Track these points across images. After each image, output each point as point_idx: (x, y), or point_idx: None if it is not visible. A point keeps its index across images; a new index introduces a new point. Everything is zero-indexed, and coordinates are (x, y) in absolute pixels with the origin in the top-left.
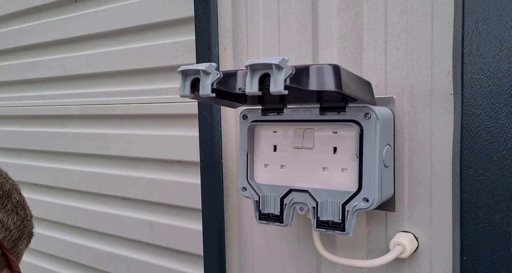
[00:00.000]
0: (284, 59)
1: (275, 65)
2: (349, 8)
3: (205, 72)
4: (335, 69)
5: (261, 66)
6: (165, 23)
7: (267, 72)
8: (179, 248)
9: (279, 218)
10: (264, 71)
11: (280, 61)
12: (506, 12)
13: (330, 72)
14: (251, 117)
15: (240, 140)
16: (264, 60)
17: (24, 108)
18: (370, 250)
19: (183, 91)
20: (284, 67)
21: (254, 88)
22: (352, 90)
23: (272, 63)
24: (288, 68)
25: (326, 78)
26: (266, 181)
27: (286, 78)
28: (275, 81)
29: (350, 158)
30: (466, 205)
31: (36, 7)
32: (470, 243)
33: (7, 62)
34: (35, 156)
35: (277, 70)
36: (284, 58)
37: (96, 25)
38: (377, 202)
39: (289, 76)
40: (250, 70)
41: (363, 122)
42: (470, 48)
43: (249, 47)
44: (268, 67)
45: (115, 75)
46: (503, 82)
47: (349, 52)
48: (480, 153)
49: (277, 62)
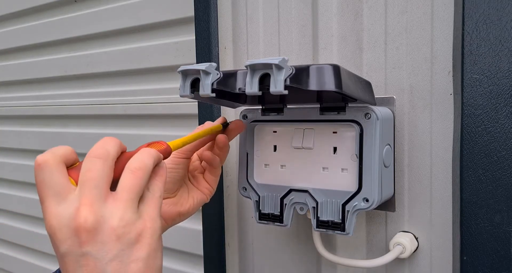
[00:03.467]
0: (284, 59)
1: (275, 65)
2: (349, 8)
3: (205, 72)
4: (335, 69)
5: (261, 66)
6: (165, 23)
7: (267, 72)
8: (179, 248)
9: (279, 218)
10: (264, 71)
11: (280, 61)
12: (506, 12)
13: (330, 72)
14: (251, 117)
15: (240, 140)
16: (264, 60)
17: (24, 108)
18: (370, 250)
19: (183, 91)
20: (284, 67)
21: (254, 88)
22: (352, 90)
23: (272, 63)
24: (288, 68)
25: (326, 78)
26: (266, 181)
27: (286, 78)
28: (275, 81)
29: (350, 158)
30: (466, 205)
31: (36, 7)
32: (470, 243)
33: (7, 62)
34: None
35: (277, 70)
36: (284, 58)
37: (96, 25)
38: (377, 202)
39: (289, 76)
40: (250, 70)
41: (363, 122)
42: (470, 48)
43: (249, 47)
44: (268, 67)
45: (115, 75)
46: (503, 82)
47: (349, 52)
48: (480, 153)
49: (277, 62)
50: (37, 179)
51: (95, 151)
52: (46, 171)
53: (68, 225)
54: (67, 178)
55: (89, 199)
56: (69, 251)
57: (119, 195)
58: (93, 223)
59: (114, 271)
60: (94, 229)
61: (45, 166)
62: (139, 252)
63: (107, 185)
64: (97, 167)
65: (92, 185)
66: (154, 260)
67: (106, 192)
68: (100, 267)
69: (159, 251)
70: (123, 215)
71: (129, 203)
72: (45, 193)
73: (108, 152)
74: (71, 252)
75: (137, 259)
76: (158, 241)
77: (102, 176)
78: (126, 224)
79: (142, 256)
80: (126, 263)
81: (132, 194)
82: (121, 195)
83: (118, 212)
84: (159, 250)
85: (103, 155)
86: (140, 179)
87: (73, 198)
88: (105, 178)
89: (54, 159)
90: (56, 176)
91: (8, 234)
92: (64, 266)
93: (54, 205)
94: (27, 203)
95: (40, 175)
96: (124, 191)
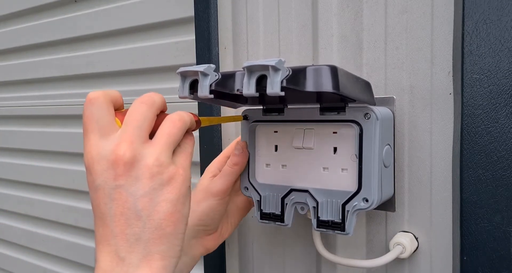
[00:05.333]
0: (281, 61)
1: (271, 66)
2: (349, 8)
3: (203, 73)
4: (333, 70)
5: (258, 67)
6: (165, 23)
7: (264, 73)
8: None
9: (280, 217)
10: (261, 72)
11: (277, 62)
12: (506, 12)
13: (327, 73)
14: (252, 117)
15: (241, 140)
16: (261, 62)
17: (24, 108)
18: (370, 250)
19: (182, 93)
20: (281, 68)
21: (251, 90)
22: (350, 91)
23: (269, 65)
24: (285, 70)
25: (323, 79)
26: (267, 181)
27: (283, 79)
28: (271, 83)
29: (350, 158)
30: (466, 205)
31: (36, 7)
32: (470, 243)
33: (7, 62)
34: (35, 156)
35: (274, 71)
36: (281, 60)
37: (96, 25)
38: (376, 202)
39: (286, 78)
40: (247, 71)
41: (362, 122)
42: (470, 48)
43: (249, 47)
44: (265, 69)
45: (115, 75)
46: (503, 82)
47: (349, 52)
48: (480, 153)
49: (273, 64)
50: (85, 112)
51: (142, 98)
52: (96, 107)
53: (107, 158)
54: (114, 117)
55: (130, 137)
56: (104, 184)
57: (157, 139)
58: (130, 157)
59: (144, 207)
60: (131, 163)
61: (96, 101)
62: (169, 193)
63: (148, 128)
64: (142, 110)
65: (135, 125)
66: (183, 206)
67: (146, 134)
68: (131, 201)
69: (188, 200)
70: (158, 156)
71: (165, 147)
72: (91, 126)
73: (153, 100)
74: (106, 185)
75: (167, 199)
76: (188, 190)
77: (145, 119)
78: (161, 165)
79: (172, 198)
80: (156, 201)
81: (169, 139)
82: (159, 139)
83: (154, 153)
84: (187, 199)
85: (149, 101)
86: (178, 129)
87: (116, 135)
88: (148, 121)
89: (105, 97)
90: (105, 113)
91: (8, 234)
92: (97, 200)
93: (97, 138)
94: (27, 203)
95: (89, 109)
96: (163, 136)
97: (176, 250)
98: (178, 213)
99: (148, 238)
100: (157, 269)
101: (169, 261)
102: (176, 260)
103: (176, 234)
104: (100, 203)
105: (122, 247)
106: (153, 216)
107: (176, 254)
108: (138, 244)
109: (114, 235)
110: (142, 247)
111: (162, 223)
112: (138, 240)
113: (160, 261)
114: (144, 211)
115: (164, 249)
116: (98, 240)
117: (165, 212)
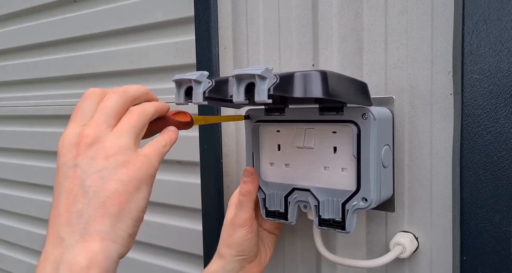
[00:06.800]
0: (267, 69)
1: (257, 75)
2: (349, 8)
3: (197, 81)
4: (322, 75)
5: (246, 76)
6: (165, 23)
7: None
8: (178, 248)
9: (284, 215)
10: (249, 80)
11: (263, 71)
12: (506, 12)
13: (317, 79)
14: (254, 117)
15: (246, 140)
16: (248, 70)
17: (24, 108)
18: (370, 250)
19: (178, 100)
20: (267, 76)
21: (241, 98)
22: (340, 95)
23: (255, 74)
24: (272, 77)
25: (312, 85)
26: (271, 179)
27: (270, 87)
28: (258, 91)
29: (350, 158)
30: (466, 205)
31: (35, 7)
32: (470, 243)
33: (7, 62)
34: (35, 156)
35: (260, 80)
36: (267, 68)
37: (96, 25)
38: (375, 202)
39: (273, 85)
40: (236, 79)
41: (360, 123)
42: (470, 48)
43: (249, 47)
44: (252, 77)
45: (115, 75)
46: (503, 82)
47: (349, 52)
48: (480, 153)
49: (259, 73)
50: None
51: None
52: (85, 100)
53: (72, 140)
54: None
55: (96, 121)
56: (64, 163)
57: (119, 126)
58: (92, 139)
59: (92, 183)
60: (90, 144)
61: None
62: (123, 174)
63: (116, 114)
64: (112, 99)
65: (102, 112)
66: (136, 189)
67: (113, 121)
68: (81, 177)
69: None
70: (118, 140)
71: (125, 133)
72: (74, 117)
73: (125, 90)
74: (65, 164)
75: (118, 179)
76: (148, 177)
77: (113, 107)
78: (118, 148)
79: (124, 178)
80: (106, 179)
81: (127, 126)
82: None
83: (114, 138)
84: (144, 185)
85: (119, 91)
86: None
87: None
88: (115, 109)
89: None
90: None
91: (8, 234)
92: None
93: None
94: (27, 203)
95: (80, 102)
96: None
97: (119, 234)
98: (128, 194)
99: (90, 215)
100: (92, 253)
101: (108, 246)
102: (118, 248)
103: (122, 217)
104: (56, 184)
105: (64, 227)
106: (100, 193)
107: (119, 241)
108: (79, 223)
109: (60, 214)
110: (82, 226)
111: (107, 202)
112: (80, 217)
113: (98, 243)
114: (92, 187)
115: (104, 230)
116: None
117: (113, 191)
